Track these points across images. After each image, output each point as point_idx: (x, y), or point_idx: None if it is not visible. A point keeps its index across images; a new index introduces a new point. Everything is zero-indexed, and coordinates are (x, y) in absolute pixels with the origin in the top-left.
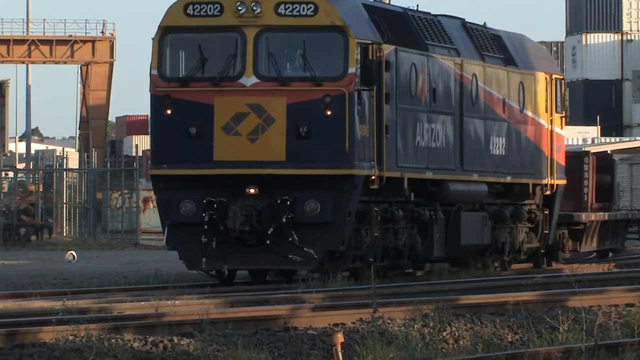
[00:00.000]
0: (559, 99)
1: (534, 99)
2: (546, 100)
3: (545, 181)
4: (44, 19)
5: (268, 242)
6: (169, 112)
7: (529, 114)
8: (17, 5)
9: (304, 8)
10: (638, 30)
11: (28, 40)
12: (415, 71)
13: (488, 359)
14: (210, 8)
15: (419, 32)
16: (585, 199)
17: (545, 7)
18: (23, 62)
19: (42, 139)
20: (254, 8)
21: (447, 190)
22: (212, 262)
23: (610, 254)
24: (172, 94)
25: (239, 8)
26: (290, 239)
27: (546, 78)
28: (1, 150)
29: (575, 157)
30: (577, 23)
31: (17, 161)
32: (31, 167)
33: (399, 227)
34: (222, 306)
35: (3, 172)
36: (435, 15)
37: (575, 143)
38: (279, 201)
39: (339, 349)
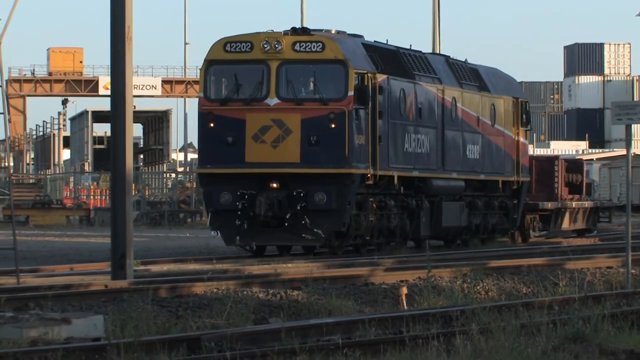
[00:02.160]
0: (523, 117)
1: (502, 116)
2: (513, 117)
3: (512, 178)
4: (196, 66)
5: (286, 224)
6: (211, 125)
7: (499, 127)
8: (176, 53)
9: (314, 46)
10: (616, 73)
11: (185, 81)
12: (404, 94)
13: (509, 305)
14: (243, 46)
15: (407, 65)
16: (556, 192)
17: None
18: (181, 97)
19: (195, 150)
20: (276, 46)
21: (430, 185)
22: (244, 239)
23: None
24: (214, 112)
25: (265, 46)
26: (303, 222)
27: (513, 101)
28: (167, 158)
29: (549, 161)
30: (571, 68)
31: (177, 166)
32: (187, 169)
33: (391, 213)
34: (321, 268)
35: (168, 174)
36: (423, 53)
37: (570, 153)
38: (294, 193)
39: (404, 298)
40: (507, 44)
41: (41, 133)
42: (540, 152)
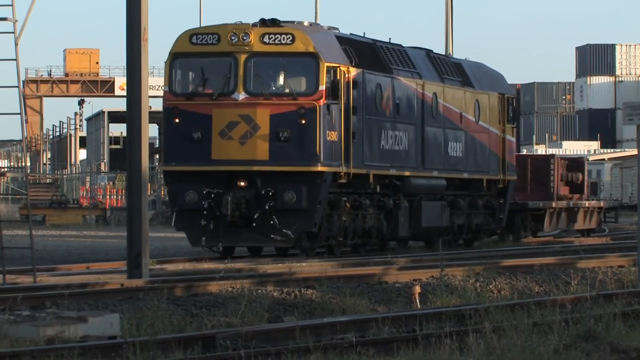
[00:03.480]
0: (510, 113)
1: (487, 113)
2: (499, 114)
3: (498, 177)
4: None
5: (254, 224)
6: (176, 120)
7: (484, 124)
8: None
9: (283, 37)
10: (627, 74)
11: None
12: (380, 89)
13: (522, 304)
14: (210, 38)
15: (385, 59)
16: (552, 190)
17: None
18: None
19: None
20: (244, 38)
21: (409, 184)
22: (210, 240)
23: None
24: (180, 106)
25: (232, 38)
26: (272, 222)
27: (499, 97)
28: None
29: (545, 159)
30: (583, 69)
31: None
32: None
33: (366, 213)
34: (335, 267)
35: None
36: (403, 46)
37: (582, 153)
38: (263, 192)
39: (417, 297)
40: (519, 45)
41: (58, 133)
42: (552, 152)
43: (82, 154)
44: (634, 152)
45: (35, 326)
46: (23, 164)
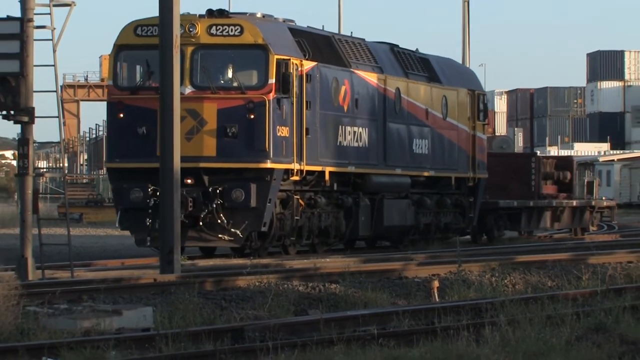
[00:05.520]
0: (481, 110)
1: (456, 109)
2: (469, 111)
3: (467, 175)
4: None
5: (201, 223)
6: (121, 115)
7: (452, 121)
8: None
9: (232, 29)
10: (636, 79)
11: None
12: (337, 83)
13: (535, 297)
14: (156, 29)
15: (342, 52)
16: (533, 189)
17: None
18: None
19: None
20: (191, 29)
21: (369, 182)
22: (156, 240)
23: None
24: (124, 101)
25: None
26: (219, 221)
27: (469, 93)
28: None
29: (525, 158)
30: (594, 74)
31: None
32: None
33: (322, 211)
34: (357, 263)
35: None
36: (365, 41)
37: (592, 154)
38: (210, 190)
39: (436, 291)
40: (533, 51)
41: (94, 135)
42: (564, 153)
43: None
44: None
45: (73, 319)
46: (61, 164)
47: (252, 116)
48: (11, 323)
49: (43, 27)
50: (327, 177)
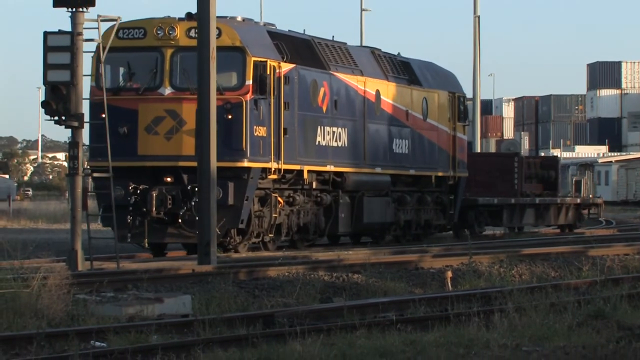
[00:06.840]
0: (461, 112)
1: (437, 111)
2: (449, 112)
3: (448, 174)
4: None
5: (180, 221)
6: (103, 116)
7: (432, 122)
8: None
9: None
10: (631, 87)
11: None
12: (315, 85)
13: (540, 287)
14: (136, 32)
15: (322, 55)
16: (515, 187)
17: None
18: None
19: None
20: (170, 32)
21: (349, 180)
22: (136, 237)
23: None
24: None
25: (159, 32)
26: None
27: (449, 95)
28: None
29: (509, 157)
30: (593, 82)
31: None
32: None
33: (301, 209)
34: (377, 255)
35: None
36: (345, 44)
37: (592, 156)
38: (189, 188)
39: (449, 280)
40: (538, 61)
41: None
42: (567, 155)
43: None
44: (638, 155)
45: (118, 306)
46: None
47: (229, 116)
48: (62, 310)
49: (91, 40)
50: (305, 175)
